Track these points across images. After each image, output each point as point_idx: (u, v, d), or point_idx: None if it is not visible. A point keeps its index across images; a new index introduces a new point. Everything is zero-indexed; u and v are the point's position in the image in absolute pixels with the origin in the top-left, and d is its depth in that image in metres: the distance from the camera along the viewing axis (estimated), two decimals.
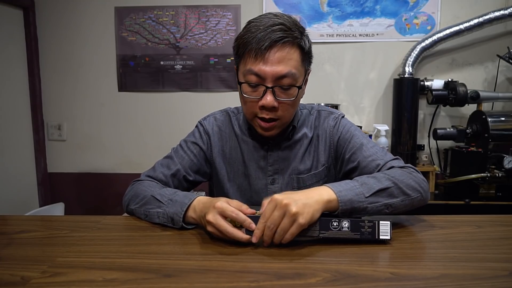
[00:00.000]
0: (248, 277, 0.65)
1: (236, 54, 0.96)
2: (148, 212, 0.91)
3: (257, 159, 1.05)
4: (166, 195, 0.91)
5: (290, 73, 0.90)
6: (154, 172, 1.05)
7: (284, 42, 0.89)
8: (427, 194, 0.91)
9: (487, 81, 2.33)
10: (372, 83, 2.38)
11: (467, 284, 0.62)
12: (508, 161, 1.98)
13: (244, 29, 0.93)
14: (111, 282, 0.64)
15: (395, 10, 2.30)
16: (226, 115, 1.12)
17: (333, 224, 0.77)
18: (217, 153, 1.08)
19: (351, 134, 1.03)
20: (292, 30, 0.90)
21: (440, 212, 2.00)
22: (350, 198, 0.80)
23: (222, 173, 1.08)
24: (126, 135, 2.48)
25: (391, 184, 0.85)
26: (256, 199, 1.05)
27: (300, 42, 0.92)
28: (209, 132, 1.09)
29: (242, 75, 0.94)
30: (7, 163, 2.22)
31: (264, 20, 0.90)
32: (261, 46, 0.87)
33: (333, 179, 1.07)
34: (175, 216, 0.86)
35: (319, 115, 1.09)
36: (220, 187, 1.10)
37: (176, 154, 1.08)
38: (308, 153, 1.06)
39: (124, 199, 1.00)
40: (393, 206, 0.84)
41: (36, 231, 0.89)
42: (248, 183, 1.06)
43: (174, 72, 2.40)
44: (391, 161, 0.96)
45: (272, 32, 0.88)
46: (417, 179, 0.90)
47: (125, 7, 2.37)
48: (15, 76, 2.31)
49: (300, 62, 0.93)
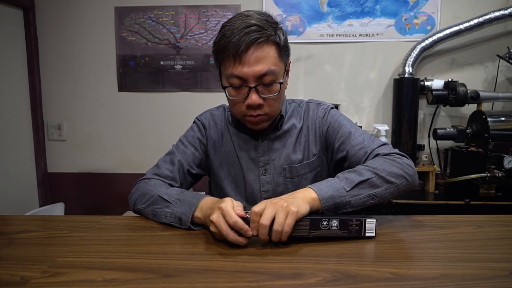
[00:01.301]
0: (248, 277, 0.65)
1: (216, 60, 0.98)
2: (156, 212, 0.92)
3: (248, 150, 1.08)
4: (174, 195, 0.92)
5: (270, 70, 0.93)
6: (159, 170, 1.06)
7: (259, 42, 0.91)
8: (414, 177, 0.91)
9: (487, 81, 2.33)
10: (372, 83, 2.38)
11: (467, 284, 0.62)
12: (508, 161, 1.98)
13: (219, 34, 0.95)
14: (111, 282, 0.64)
15: (395, 10, 2.30)
16: (222, 110, 1.16)
17: (323, 223, 0.78)
18: (212, 146, 1.11)
19: (340, 124, 1.05)
20: (265, 28, 0.92)
21: (440, 212, 2.00)
22: (331, 195, 0.82)
23: (216, 165, 1.11)
24: (126, 135, 2.48)
25: (371, 175, 0.86)
26: (250, 190, 1.07)
27: (275, 39, 0.94)
28: (206, 125, 1.13)
29: (225, 79, 0.97)
30: (7, 163, 2.22)
31: (237, 22, 0.92)
32: (237, 50, 0.90)
33: (326, 168, 1.09)
34: (183, 216, 0.86)
35: (308, 107, 1.11)
36: (216, 179, 1.12)
37: (178, 149, 1.10)
38: (299, 144, 1.08)
39: (131, 198, 1.01)
40: (378, 196, 0.86)
41: (36, 231, 0.89)
42: (242, 175, 1.08)
43: (174, 72, 2.40)
44: (377, 148, 0.98)
45: (246, 35, 0.90)
46: (401, 165, 0.91)
47: (125, 7, 2.37)
48: (15, 76, 2.31)
49: (277, 57, 0.95)
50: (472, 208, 1.95)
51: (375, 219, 0.80)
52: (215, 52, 0.97)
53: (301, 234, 0.78)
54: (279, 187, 1.06)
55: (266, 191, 1.07)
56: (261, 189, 1.07)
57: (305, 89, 2.39)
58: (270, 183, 1.06)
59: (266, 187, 1.06)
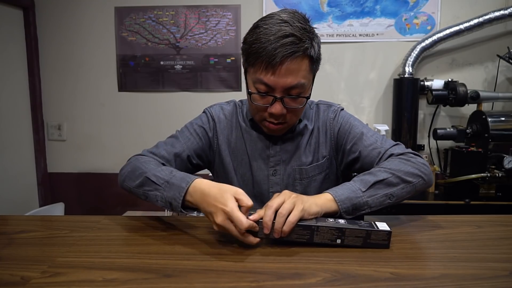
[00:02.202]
0: (248, 277, 0.65)
1: (245, 60, 0.95)
2: (147, 194, 0.89)
3: (260, 150, 1.06)
4: (162, 177, 0.87)
5: (300, 83, 0.91)
6: (157, 149, 1.03)
7: (295, 56, 0.88)
8: (429, 177, 0.91)
9: (487, 81, 2.33)
10: (372, 83, 2.38)
11: (467, 284, 0.62)
12: (508, 161, 1.98)
13: (253, 34, 0.91)
14: (111, 282, 0.64)
15: (395, 10, 2.30)
16: (233, 106, 1.12)
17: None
18: (223, 141, 1.08)
19: (351, 125, 1.04)
20: (303, 40, 0.88)
21: (440, 212, 2.00)
22: (347, 196, 0.82)
23: (227, 161, 1.08)
24: (126, 135, 2.48)
25: (388, 175, 0.86)
26: (258, 189, 1.06)
27: (310, 52, 0.90)
28: (215, 119, 1.09)
29: (251, 82, 0.94)
30: (7, 163, 2.22)
31: (274, 28, 0.88)
32: (272, 60, 0.86)
33: (335, 171, 1.08)
34: (173, 201, 0.83)
35: (318, 109, 1.10)
36: (224, 176, 1.10)
37: (182, 134, 1.07)
38: (309, 145, 1.07)
39: (121, 173, 0.98)
40: (395, 195, 0.86)
41: (36, 231, 0.89)
42: (250, 174, 1.07)
43: (174, 72, 2.40)
44: (391, 148, 0.97)
45: (283, 46, 0.86)
46: (417, 164, 0.91)
47: (125, 7, 2.37)
48: (15, 76, 2.31)
49: (309, 70, 0.93)
50: (472, 208, 1.95)
51: (390, 231, 0.76)
52: (246, 53, 0.93)
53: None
54: (288, 188, 1.04)
55: (274, 192, 1.04)
56: (269, 190, 1.05)
57: None
58: (279, 184, 1.05)
59: (275, 188, 1.05)
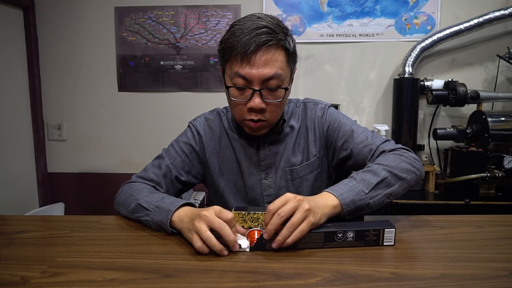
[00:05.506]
0: (248, 277, 0.65)
1: (221, 58, 0.96)
2: (139, 220, 0.91)
3: (249, 155, 1.06)
4: (153, 202, 0.89)
5: (277, 74, 0.91)
6: (145, 173, 1.04)
7: (269, 45, 0.90)
8: (421, 171, 0.93)
9: (487, 81, 2.33)
10: (372, 83, 2.38)
11: (467, 284, 0.62)
12: (508, 161, 1.98)
13: (228, 32, 0.94)
14: (111, 282, 0.64)
15: (395, 10, 2.30)
16: (216, 115, 1.12)
17: (338, 235, 0.76)
18: (211, 153, 1.09)
19: (340, 122, 1.05)
20: (276, 32, 0.91)
21: (440, 212, 2.00)
22: (352, 199, 0.82)
23: (216, 172, 1.09)
24: (126, 135, 2.48)
25: (387, 174, 0.87)
26: (251, 195, 1.06)
27: (284, 44, 0.93)
28: (200, 132, 1.09)
29: (229, 79, 0.95)
30: (7, 163, 2.22)
31: (248, 23, 0.91)
32: (246, 50, 0.88)
33: (326, 169, 1.09)
34: (162, 224, 0.84)
35: (305, 107, 1.10)
36: (215, 187, 1.10)
37: (168, 154, 1.07)
38: (298, 145, 1.07)
39: (115, 202, 1.01)
40: (393, 194, 0.87)
41: (36, 231, 0.89)
42: (242, 180, 1.07)
43: (174, 72, 2.40)
44: (382, 144, 0.99)
45: (257, 36, 0.89)
46: (409, 160, 0.92)
47: (125, 7, 2.37)
48: (15, 76, 2.31)
49: (285, 63, 0.94)
50: (472, 208, 1.95)
51: (395, 228, 0.77)
52: (222, 50, 0.94)
53: (315, 247, 0.76)
54: (281, 190, 1.05)
55: (268, 195, 1.05)
56: (263, 194, 1.05)
57: (305, 89, 2.39)
58: (272, 187, 1.05)
59: (268, 191, 1.05)
